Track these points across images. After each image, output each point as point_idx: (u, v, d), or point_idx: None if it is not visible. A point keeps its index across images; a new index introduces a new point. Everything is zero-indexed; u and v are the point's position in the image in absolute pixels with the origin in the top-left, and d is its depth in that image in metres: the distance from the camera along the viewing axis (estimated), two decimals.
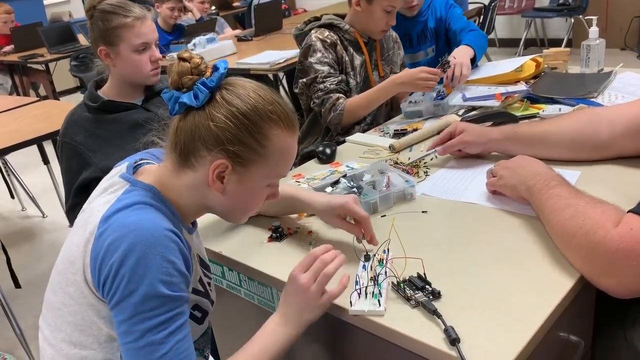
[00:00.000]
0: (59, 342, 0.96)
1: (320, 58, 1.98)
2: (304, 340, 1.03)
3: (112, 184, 0.98)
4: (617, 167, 1.34)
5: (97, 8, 1.63)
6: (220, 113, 0.91)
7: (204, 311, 1.08)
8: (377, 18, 1.98)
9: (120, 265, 0.84)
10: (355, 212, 1.14)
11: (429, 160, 1.56)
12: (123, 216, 0.88)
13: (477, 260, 1.08)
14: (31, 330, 2.49)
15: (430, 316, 0.93)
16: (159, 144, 1.04)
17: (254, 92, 0.94)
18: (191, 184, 0.96)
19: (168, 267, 0.85)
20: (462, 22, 2.45)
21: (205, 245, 1.22)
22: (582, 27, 5.31)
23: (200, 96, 0.91)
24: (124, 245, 0.84)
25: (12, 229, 3.77)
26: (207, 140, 0.92)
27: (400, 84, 1.90)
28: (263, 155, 0.94)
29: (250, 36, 4.52)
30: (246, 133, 0.92)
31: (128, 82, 1.73)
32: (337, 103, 1.95)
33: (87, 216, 0.95)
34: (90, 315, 0.92)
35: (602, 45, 2.04)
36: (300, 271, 1.01)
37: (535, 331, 0.88)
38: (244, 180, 0.95)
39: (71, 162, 1.69)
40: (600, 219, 0.97)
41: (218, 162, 0.92)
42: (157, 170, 1.01)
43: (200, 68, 0.93)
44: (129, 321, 0.84)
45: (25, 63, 5.37)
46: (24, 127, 2.67)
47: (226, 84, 0.95)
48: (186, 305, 0.90)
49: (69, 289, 0.93)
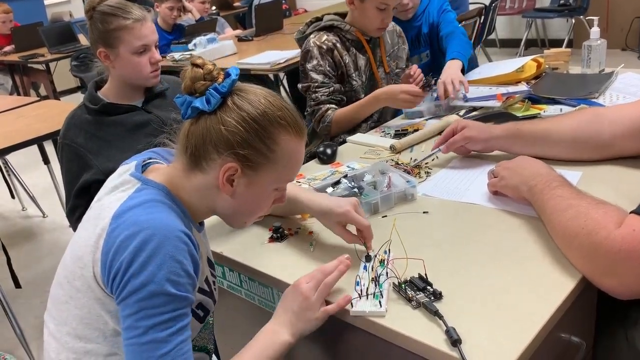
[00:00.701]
0: (64, 335, 0.97)
1: (316, 66, 2.00)
2: (305, 342, 1.03)
3: (123, 182, 0.99)
4: (619, 168, 1.34)
5: (96, 9, 1.62)
6: (231, 117, 0.93)
7: (206, 310, 1.08)
8: (371, 16, 1.98)
9: (131, 262, 0.85)
10: (356, 222, 1.14)
11: (430, 161, 1.56)
12: (136, 214, 0.90)
13: (479, 261, 1.07)
14: (31, 330, 2.49)
15: (432, 317, 0.93)
16: (170, 145, 1.06)
17: (264, 99, 0.96)
18: (201, 186, 0.98)
19: (176, 267, 0.86)
20: (451, 27, 2.43)
21: None
22: (583, 27, 5.30)
23: (212, 101, 0.93)
24: (136, 242, 0.86)
25: (12, 229, 3.77)
26: (218, 143, 0.94)
27: (383, 100, 1.93)
28: (272, 160, 0.96)
29: (251, 36, 4.51)
30: (256, 137, 0.94)
31: (128, 83, 1.73)
32: (325, 114, 2.00)
33: (97, 212, 0.96)
34: (96, 309, 0.93)
35: (603, 45, 2.03)
36: (304, 281, 1.02)
37: (536, 332, 0.88)
38: (253, 183, 0.97)
39: (71, 164, 1.68)
40: (603, 220, 0.97)
41: (228, 165, 0.94)
42: (167, 170, 1.02)
43: (213, 74, 0.95)
44: (134, 316, 0.85)
45: (25, 63, 5.37)
46: (25, 127, 2.67)
47: (237, 90, 0.97)
48: (190, 307, 0.90)
49: (76, 282, 0.94)
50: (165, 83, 1.82)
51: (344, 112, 1.99)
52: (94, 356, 0.95)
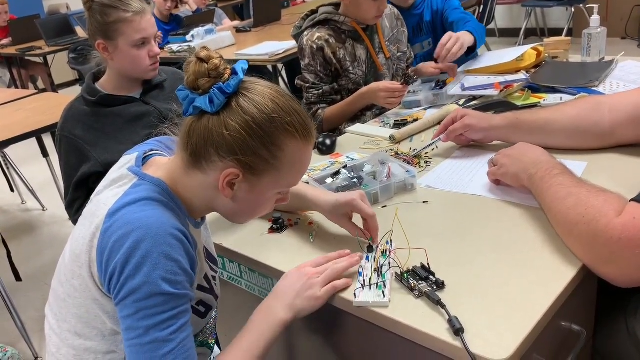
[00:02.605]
0: (64, 331, 0.97)
1: (308, 65, 2.03)
2: (307, 332, 1.03)
3: (121, 176, 0.97)
4: (625, 157, 1.33)
5: (95, 1, 1.60)
6: (235, 121, 0.88)
7: (208, 306, 1.07)
8: (366, 7, 1.97)
9: (125, 263, 0.84)
10: (361, 210, 1.12)
11: (430, 151, 1.56)
12: (129, 212, 0.87)
13: (480, 250, 1.07)
14: (32, 323, 2.49)
15: (434, 306, 0.93)
16: (171, 136, 1.03)
17: (272, 101, 0.90)
18: (200, 185, 0.95)
19: (172, 266, 0.85)
20: (459, 13, 2.42)
21: None
22: (583, 16, 5.28)
23: (216, 102, 0.88)
24: (129, 242, 0.84)
25: (12, 223, 3.77)
26: (219, 147, 0.89)
27: (367, 98, 1.96)
28: (276, 166, 0.92)
29: (249, 27, 4.50)
30: (260, 144, 0.89)
31: (126, 75, 1.72)
32: (316, 114, 2.06)
33: (94, 208, 0.94)
34: (94, 309, 0.92)
35: (603, 34, 2.02)
36: (309, 264, 1.01)
37: (537, 320, 0.88)
38: (255, 188, 0.94)
39: (70, 157, 1.68)
40: (603, 208, 0.97)
41: (229, 171, 0.90)
42: (168, 164, 0.99)
43: (219, 70, 0.90)
44: (133, 317, 0.84)
45: (23, 56, 5.36)
46: (23, 120, 2.66)
47: (243, 89, 0.91)
48: (189, 303, 0.89)
49: (75, 281, 0.94)
50: (163, 74, 1.81)
51: (333, 111, 2.05)
52: (94, 353, 0.95)
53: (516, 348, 0.83)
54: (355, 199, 1.13)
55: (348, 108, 2.03)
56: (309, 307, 0.99)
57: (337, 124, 2.07)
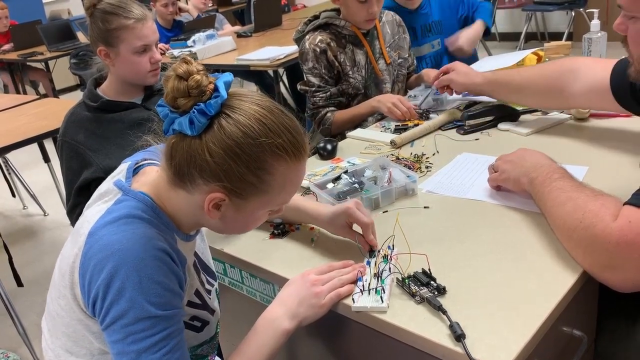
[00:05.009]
0: (57, 348, 0.96)
1: (312, 69, 2.03)
2: (307, 337, 1.03)
3: (107, 190, 0.94)
4: (626, 161, 1.33)
5: (97, 7, 1.61)
6: (218, 147, 0.83)
7: (203, 321, 1.06)
8: (355, 9, 1.97)
9: (107, 288, 0.81)
10: (357, 218, 1.11)
11: (431, 156, 1.56)
12: (108, 233, 0.84)
13: (481, 255, 1.07)
14: (34, 328, 2.49)
15: (435, 312, 0.93)
16: (156, 145, 1.00)
17: (258, 122, 0.84)
18: (186, 203, 0.91)
19: (157, 288, 0.82)
20: (475, 4, 2.61)
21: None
22: (583, 20, 5.29)
23: (197, 125, 0.82)
24: (108, 267, 0.81)
25: (13, 228, 3.77)
26: (203, 171, 0.85)
27: (375, 105, 1.95)
28: (264, 190, 0.87)
29: (250, 32, 4.50)
30: (246, 170, 0.84)
31: (127, 81, 1.72)
32: (325, 117, 2.05)
33: (79, 225, 0.92)
34: (80, 329, 0.91)
35: (604, 38, 2.02)
36: (313, 271, 1.01)
37: (539, 326, 0.88)
38: (242, 209, 0.90)
39: (72, 162, 1.68)
40: (599, 212, 0.97)
41: (214, 195, 0.86)
42: (155, 177, 0.95)
43: (201, 88, 0.83)
44: (123, 342, 0.81)
45: (24, 61, 5.36)
46: (25, 126, 2.66)
47: (227, 107, 0.84)
48: (181, 321, 0.88)
49: (60, 301, 0.92)
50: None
51: (343, 115, 2.04)
52: None
53: (518, 354, 0.83)
54: (350, 207, 1.12)
55: (358, 112, 2.01)
56: (312, 315, 0.99)
57: (345, 128, 2.05)
